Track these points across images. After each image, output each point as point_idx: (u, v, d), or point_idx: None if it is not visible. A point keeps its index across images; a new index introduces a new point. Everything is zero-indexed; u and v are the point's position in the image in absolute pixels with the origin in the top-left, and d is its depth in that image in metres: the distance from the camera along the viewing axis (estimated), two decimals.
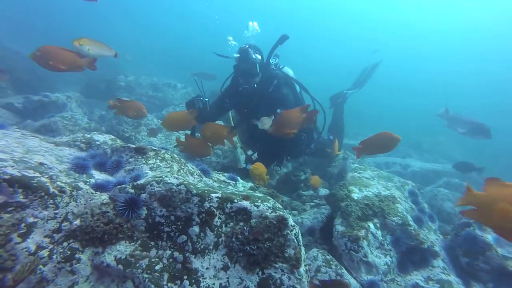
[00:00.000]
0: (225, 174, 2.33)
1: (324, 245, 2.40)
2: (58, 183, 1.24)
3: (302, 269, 1.42)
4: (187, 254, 1.41)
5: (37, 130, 4.05)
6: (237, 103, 3.50)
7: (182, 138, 3.03)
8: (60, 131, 4.08)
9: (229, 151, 4.19)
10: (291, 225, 1.48)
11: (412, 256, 2.15)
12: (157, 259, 1.38)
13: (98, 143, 1.92)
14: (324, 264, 1.87)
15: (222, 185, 2.08)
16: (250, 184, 2.35)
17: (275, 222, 1.46)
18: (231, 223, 1.50)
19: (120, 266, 1.30)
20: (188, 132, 3.20)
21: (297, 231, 1.49)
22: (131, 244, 1.39)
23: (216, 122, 3.70)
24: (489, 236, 2.04)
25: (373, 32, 29.57)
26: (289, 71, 3.70)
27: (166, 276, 1.34)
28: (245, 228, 1.47)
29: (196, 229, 1.45)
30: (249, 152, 3.93)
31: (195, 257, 1.41)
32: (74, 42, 2.22)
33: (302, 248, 1.50)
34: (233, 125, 4.02)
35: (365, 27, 29.49)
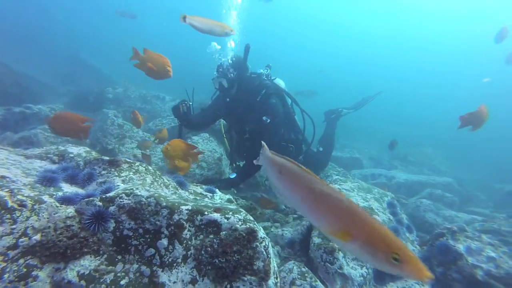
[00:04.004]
0: (203, 186, 2.32)
1: (303, 257, 2.39)
2: (19, 196, 1.21)
3: (271, 281, 1.41)
4: (154, 268, 1.39)
5: (16, 143, 3.97)
6: (224, 112, 3.59)
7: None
8: (40, 143, 4.01)
9: (213, 164, 4.18)
10: (261, 237, 1.48)
11: None
12: (123, 274, 1.35)
13: (72, 155, 1.90)
14: (299, 276, 1.85)
15: (198, 198, 2.07)
16: (228, 196, 2.34)
17: (244, 234, 1.46)
18: (201, 236, 1.48)
19: (83, 282, 1.26)
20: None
21: (267, 244, 1.49)
22: (97, 258, 1.36)
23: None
24: (461, 246, 2.07)
25: (359, 43, 30.64)
26: (280, 82, 3.80)
27: None
28: (214, 240, 1.46)
29: (164, 242, 1.43)
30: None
31: (162, 271, 1.38)
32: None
33: (272, 261, 1.49)
34: (223, 132, 4.10)
35: (353, 39, 30.54)
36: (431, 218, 4.09)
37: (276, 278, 1.54)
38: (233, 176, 3.15)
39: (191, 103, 3.20)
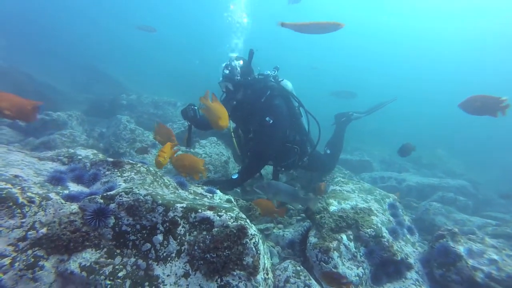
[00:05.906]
0: (204, 187, 2.41)
1: (301, 257, 2.43)
2: (28, 193, 1.34)
3: (259, 277, 1.47)
4: (150, 262, 1.48)
5: (36, 147, 4.25)
6: (230, 113, 3.70)
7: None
8: (58, 147, 4.26)
9: (220, 166, 4.28)
10: (251, 234, 1.54)
11: (386, 268, 2.15)
12: (121, 266, 1.45)
13: (80, 157, 2.05)
14: (293, 274, 1.89)
15: (197, 197, 2.16)
16: (227, 196, 2.41)
17: (235, 231, 1.53)
18: (195, 232, 1.57)
19: (84, 273, 1.37)
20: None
21: (257, 240, 1.55)
22: (97, 251, 1.46)
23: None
24: (461, 248, 2.04)
25: (368, 40, 30.24)
26: (287, 84, 3.87)
27: (128, 282, 1.40)
28: (207, 237, 1.54)
29: (159, 237, 1.52)
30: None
31: (157, 265, 1.47)
32: None
33: (262, 257, 1.55)
34: (232, 131, 4.21)
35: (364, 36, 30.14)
36: (441, 221, 3.98)
37: (267, 274, 1.60)
38: (235, 176, 3.23)
39: (196, 107, 3.34)
